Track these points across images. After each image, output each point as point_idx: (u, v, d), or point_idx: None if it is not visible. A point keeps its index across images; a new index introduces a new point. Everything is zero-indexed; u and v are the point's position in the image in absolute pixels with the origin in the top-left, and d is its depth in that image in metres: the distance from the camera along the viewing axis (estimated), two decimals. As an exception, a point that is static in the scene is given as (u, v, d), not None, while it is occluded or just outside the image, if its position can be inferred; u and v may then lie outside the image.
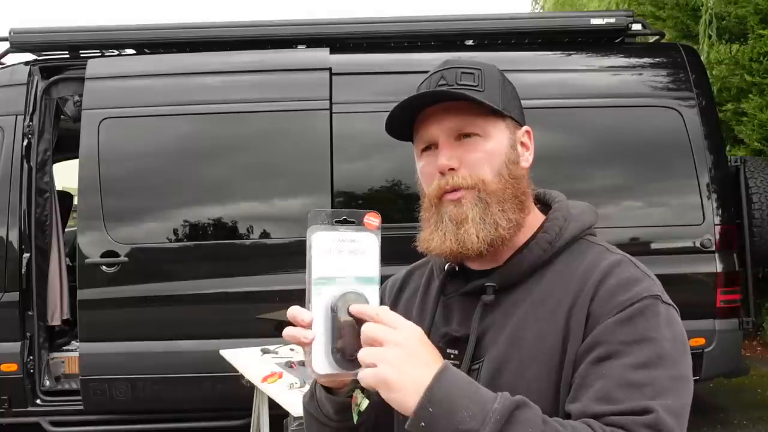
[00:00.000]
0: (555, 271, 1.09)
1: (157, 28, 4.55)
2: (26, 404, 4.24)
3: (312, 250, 0.95)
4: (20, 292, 4.21)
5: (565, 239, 1.10)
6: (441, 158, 1.08)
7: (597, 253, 1.09)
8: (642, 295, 1.00)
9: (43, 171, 4.38)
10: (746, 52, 6.56)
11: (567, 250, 1.10)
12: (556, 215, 1.13)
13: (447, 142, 1.09)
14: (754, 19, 6.40)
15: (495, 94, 1.10)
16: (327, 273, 0.96)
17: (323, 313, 0.95)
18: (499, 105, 1.10)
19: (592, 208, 1.18)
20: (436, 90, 1.09)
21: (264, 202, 4.30)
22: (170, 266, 4.27)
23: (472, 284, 1.12)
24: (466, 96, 1.07)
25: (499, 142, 1.10)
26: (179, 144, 4.31)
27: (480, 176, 1.08)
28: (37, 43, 4.46)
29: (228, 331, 4.02)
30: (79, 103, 4.33)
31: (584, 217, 1.15)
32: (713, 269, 4.17)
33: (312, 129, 4.24)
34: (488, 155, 1.09)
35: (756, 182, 4.53)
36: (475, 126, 1.09)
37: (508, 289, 1.09)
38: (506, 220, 1.08)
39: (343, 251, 0.97)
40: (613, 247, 1.12)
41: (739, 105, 6.56)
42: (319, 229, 0.96)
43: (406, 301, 1.25)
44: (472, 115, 1.09)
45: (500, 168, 1.09)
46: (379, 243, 0.99)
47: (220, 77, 4.36)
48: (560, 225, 1.11)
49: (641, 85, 4.38)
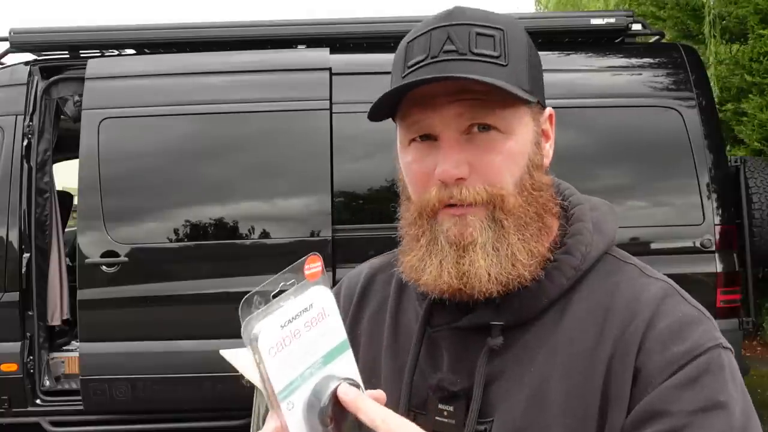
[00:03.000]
0: (579, 302, 0.83)
1: (157, 28, 4.55)
2: (26, 404, 4.23)
3: (262, 355, 0.68)
4: (20, 292, 4.21)
5: (592, 260, 0.84)
6: (446, 163, 0.78)
7: (631, 278, 0.84)
8: (705, 345, 0.77)
9: (43, 171, 4.37)
10: (746, 52, 6.57)
11: (591, 272, 0.85)
12: (579, 228, 0.86)
13: (453, 138, 0.79)
14: (754, 19, 6.40)
15: (521, 70, 0.79)
16: (292, 375, 0.69)
17: (306, 428, 0.68)
18: (526, 85, 0.79)
19: (610, 207, 0.93)
20: (448, 75, 0.76)
21: (264, 202, 4.30)
22: (170, 266, 4.26)
23: (471, 319, 0.84)
24: (488, 83, 0.75)
25: (523, 140, 0.81)
26: (179, 144, 4.31)
27: (499, 189, 0.79)
28: (37, 43, 4.46)
29: (228, 331, 4.00)
30: (79, 103, 4.33)
31: (608, 224, 0.89)
32: (713, 269, 4.17)
33: (312, 129, 4.23)
34: (510, 159, 0.80)
35: (756, 182, 4.53)
36: (494, 116, 0.78)
37: (519, 326, 0.83)
38: (527, 253, 0.80)
39: (299, 330, 0.70)
40: (645, 265, 0.88)
41: (739, 105, 6.57)
42: (259, 320, 0.70)
43: (372, 318, 0.95)
44: (489, 98, 0.77)
45: (523, 176, 0.80)
46: (330, 291, 0.75)
47: (220, 77, 4.35)
48: (587, 242, 0.84)
49: (641, 85, 4.38)
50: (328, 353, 0.71)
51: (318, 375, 0.70)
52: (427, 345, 0.87)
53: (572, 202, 0.89)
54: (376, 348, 0.90)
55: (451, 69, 0.77)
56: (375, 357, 0.91)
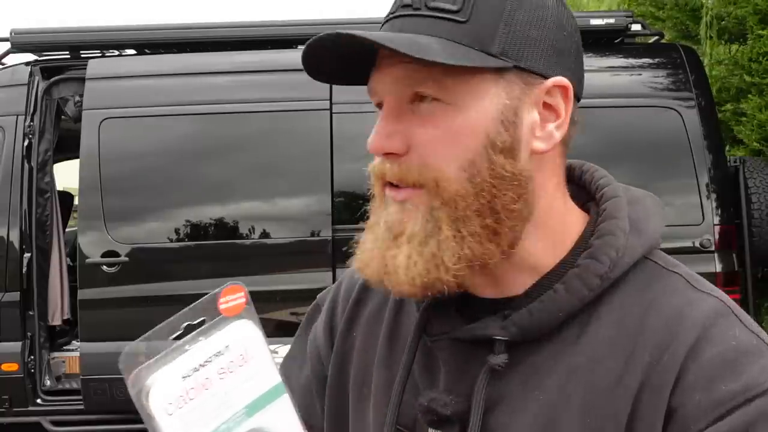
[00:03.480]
0: (606, 317, 0.68)
1: (158, 28, 4.56)
2: (27, 404, 4.23)
3: (154, 414, 0.54)
4: (21, 291, 4.21)
5: (625, 267, 0.69)
6: (375, 133, 0.68)
7: (674, 291, 0.68)
8: (764, 385, 0.61)
9: (43, 171, 4.38)
10: (745, 53, 6.56)
11: (624, 281, 0.69)
12: (610, 227, 0.70)
13: (392, 106, 0.68)
14: (753, 19, 6.39)
15: (489, 28, 0.65)
16: None
17: None
18: (492, 47, 0.65)
19: (656, 201, 0.77)
20: (340, 33, 0.64)
21: (264, 202, 4.31)
22: (171, 266, 4.27)
23: (471, 330, 0.71)
24: (372, 41, 0.62)
25: (477, 115, 0.66)
26: (180, 144, 4.32)
27: (433, 172, 0.66)
28: (38, 43, 4.46)
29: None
30: (79, 104, 4.34)
31: (650, 223, 0.73)
32: (712, 269, 4.17)
33: (312, 129, 4.24)
34: (452, 136, 0.66)
35: (755, 182, 4.54)
36: (433, 84, 0.65)
37: (529, 343, 0.69)
38: (456, 256, 0.66)
39: (210, 379, 0.57)
40: (696, 275, 0.71)
41: (739, 105, 6.56)
42: (153, 371, 0.56)
43: (369, 320, 0.83)
44: (437, 63, 0.63)
45: (475, 160, 0.65)
46: (257, 326, 0.62)
47: (221, 77, 4.36)
48: (618, 245, 0.69)
49: (640, 86, 4.39)
50: (253, 402, 0.58)
51: (239, 430, 0.57)
52: (425, 356, 0.75)
53: (606, 194, 0.73)
54: (370, 354, 0.80)
55: (399, 27, 0.68)
56: (368, 364, 0.80)
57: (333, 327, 0.86)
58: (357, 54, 0.68)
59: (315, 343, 0.88)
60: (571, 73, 0.70)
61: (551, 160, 0.71)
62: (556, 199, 0.72)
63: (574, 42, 0.71)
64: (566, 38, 0.70)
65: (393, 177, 0.68)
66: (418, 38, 0.65)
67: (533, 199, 0.69)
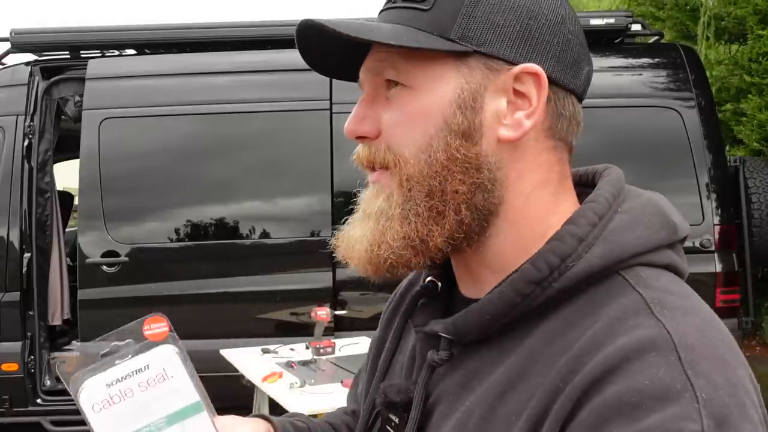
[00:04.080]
0: (542, 329, 0.64)
1: (158, 28, 4.56)
2: (27, 404, 4.24)
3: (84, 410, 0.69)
4: (21, 291, 4.22)
5: (574, 277, 0.63)
6: (349, 118, 0.73)
7: (620, 313, 0.60)
8: None
9: (43, 171, 4.38)
10: (745, 53, 6.57)
11: (581, 293, 0.64)
12: (563, 231, 0.65)
13: (367, 92, 0.72)
14: (753, 19, 6.40)
15: (449, 14, 0.66)
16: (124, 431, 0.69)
17: None
18: (450, 32, 0.66)
19: (656, 209, 0.69)
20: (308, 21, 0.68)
21: (264, 202, 4.31)
22: (171, 266, 4.27)
23: (428, 325, 0.72)
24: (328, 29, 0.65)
25: (434, 99, 0.67)
26: (179, 144, 4.32)
27: (396, 154, 0.68)
28: (38, 43, 4.46)
29: (228, 331, 4.03)
30: (79, 104, 4.34)
31: (634, 233, 0.65)
32: (712, 269, 4.17)
33: (312, 129, 4.24)
34: (410, 119, 0.67)
35: (755, 182, 4.54)
36: (394, 69, 0.68)
37: (474, 343, 0.68)
38: (399, 236, 0.67)
39: (131, 390, 0.69)
40: (667, 300, 0.61)
41: (739, 105, 6.57)
42: (87, 377, 0.70)
43: (399, 313, 0.87)
44: (400, 51, 0.67)
45: (432, 143, 0.67)
46: (178, 352, 0.73)
47: (221, 77, 4.36)
48: (564, 251, 0.64)
49: (640, 86, 4.39)
50: (173, 413, 0.70)
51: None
52: (408, 341, 0.80)
53: (589, 199, 0.69)
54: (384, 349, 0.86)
55: (380, 19, 0.70)
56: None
57: (385, 317, 0.92)
58: (353, 50, 0.71)
59: (375, 335, 0.93)
60: (553, 63, 0.68)
61: (532, 153, 0.68)
62: (537, 196, 0.69)
63: (563, 32, 0.69)
64: (544, 27, 0.67)
65: (363, 159, 0.72)
66: (377, 25, 0.68)
67: (499, 189, 0.68)
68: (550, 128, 0.70)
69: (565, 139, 0.72)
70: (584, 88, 0.73)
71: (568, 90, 0.70)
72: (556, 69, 0.68)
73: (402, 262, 0.68)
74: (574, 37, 0.70)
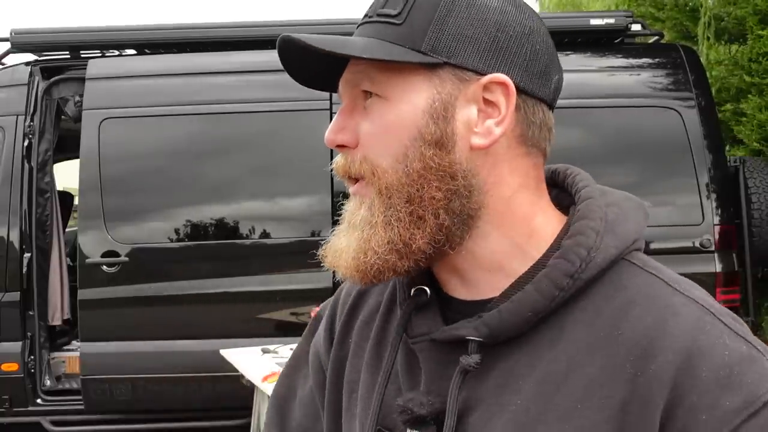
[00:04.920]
0: (581, 320, 0.68)
1: (158, 28, 4.56)
2: (27, 404, 4.24)
3: None
4: (21, 291, 4.22)
5: (597, 267, 0.68)
6: (329, 128, 0.74)
7: (651, 294, 0.68)
8: (764, 397, 0.61)
9: (43, 171, 4.39)
10: (745, 53, 6.57)
11: (598, 282, 0.69)
12: (581, 226, 0.70)
13: (345, 104, 0.75)
14: (753, 19, 6.40)
15: (419, 27, 0.69)
16: None
17: None
18: (420, 44, 0.69)
19: (637, 204, 0.77)
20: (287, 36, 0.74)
21: (264, 202, 4.31)
22: (171, 266, 4.28)
23: (446, 331, 0.71)
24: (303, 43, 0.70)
25: (407, 109, 0.69)
26: (179, 144, 4.32)
27: (371, 164, 0.71)
28: (38, 43, 4.47)
29: (228, 331, 4.03)
30: (79, 104, 4.34)
31: (627, 224, 0.72)
32: (712, 269, 4.17)
33: (312, 129, 4.24)
34: (385, 129, 0.70)
35: (755, 182, 4.54)
36: (369, 81, 0.71)
37: (503, 344, 0.70)
38: (383, 242, 0.70)
39: None
40: (676, 276, 0.71)
41: (738, 105, 6.57)
42: None
43: (362, 326, 0.84)
44: (374, 64, 0.70)
45: (407, 153, 0.69)
46: None
47: (221, 77, 4.36)
48: (589, 244, 0.68)
49: (640, 86, 4.39)
50: None
51: None
52: (408, 358, 0.76)
53: (581, 196, 0.73)
54: (360, 359, 0.81)
55: (356, 34, 0.74)
56: (358, 369, 0.81)
57: (332, 335, 0.88)
58: (334, 63, 0.74)
59: (317, 353, 0.89)
60: (521, 73, 0.71)
61: (506, 159, 0.72)
62: (518, 199, 0.72)
63: (530, 43, 0.72)
64: (512, 39, 0.71)
65: (340, 169, 0.74)
66: (351, 39, 0.72)
67: (477, 195, 0.71)
68: (521, 135, 0.72)
69: (538, 146, 0.74)
70: (554, 96, 0.76)
71: (538, 98, 0.73)
72: (524, 78, 0.71)
73: (388, 267, 0.70)
74: (541, 47, 0.73)
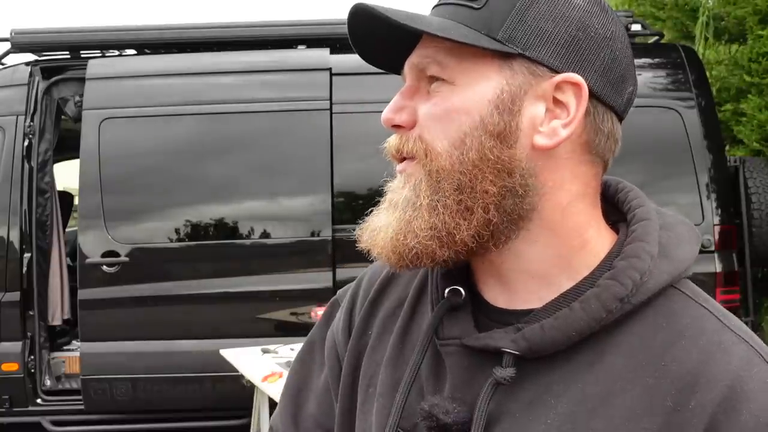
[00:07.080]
0: (626, 345, 0.65)
1: (158, 28, 4.56)
2: (27, 404, 4.24)
3: None
4: (21, 291, 4.21)
5: (648, 293, 0.66)
6: (387, 107, 0.72)
7: (702, 329, 0.65)
8: None
9: (43, 171, 4.38)
10: (745, 53, 6.57)
11: (648, 307, 0.66)
12: (637, 249, 0.67)
13: (408, 85, 0.72)
14: (753, 19, 6.40)
15: (499, 14, 0.66)
16: None
17: None
18: (497, 32, 0.66)
19: (690, 229, 0.73)
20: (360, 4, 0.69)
21: (264, 202, 4.31)
22: (171, 266, 4.27)
23: (481, 339, 0.69)
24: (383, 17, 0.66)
25: (473, 96, 0.67)
26: (179, 144, 4.32)
27: (425, 144, 0.68)
28: (38, 43, 4.46)
29: (228, 331, 4.03)
30: (79, 104, 4.34)
31: (681, 250, 0.69)
32: (712, 269, 4.17)
33: (312, 129, 4.24)
34: (446, 113, 0.68)
35: (755, 182, 4.54)
36: (436, 64, 0.68)
37: (539, 359, 0.67)
38: (426, 225, 0.67)
39: None
40: (725, 311, 0.68)
41: (738, 105, 6.57)
42: None
43: (385, 318, 0.81)
44: (445, 47, 0.67)
45: (465, 140, 0.67)
46: None
47: (221, 77, 4.36)
48: (644, 268, 0.66)
49: (640, 86, 4.32)
50: None
51: None
52: (433, 360, 0.72)
53: (637, 216, 0.70)
54: (380, 354, 0.78)
55: (432, 14, 0.71)
56: (377, 363, 0.78)
57: (351, 325, 0.84)
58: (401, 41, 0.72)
59: (333, 342, 0.85)
60: (596, 77, 0.68)
61: (568, 165, 0.69)
62: (574, 208, 0.69)
63: (610, 48, 0.69)
64: (592, 40, 0.68)
65: (392, 148, 0.72)
66: (427, 17, 0.69)
67: (532, 196, 0.68)
68: (587, 142, 0.70)
69: (602, 156, 0.72)
70: (625, 108, 0.74)
71: (609, 106, 0.71)
72: (599, 83, 0.69)
73: (427, 253, 0.67)
74: (621, 54, 0.71)
